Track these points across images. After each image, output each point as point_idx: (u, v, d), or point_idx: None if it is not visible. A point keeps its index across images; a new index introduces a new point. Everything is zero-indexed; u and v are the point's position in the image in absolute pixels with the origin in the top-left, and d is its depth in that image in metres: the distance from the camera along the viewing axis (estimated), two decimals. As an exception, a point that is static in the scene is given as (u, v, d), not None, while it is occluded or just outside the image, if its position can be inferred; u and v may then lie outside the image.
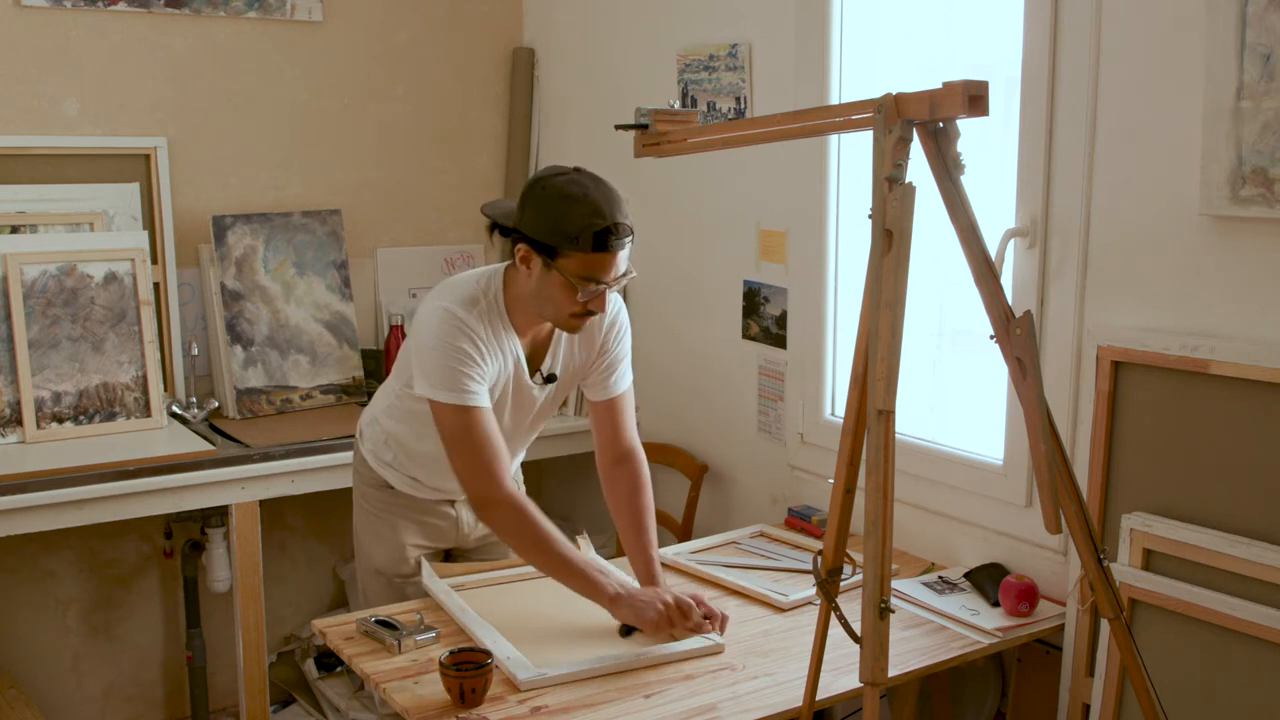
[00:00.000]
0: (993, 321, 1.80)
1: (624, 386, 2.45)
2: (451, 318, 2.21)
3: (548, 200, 2.12)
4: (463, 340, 2.20)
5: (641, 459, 2.48)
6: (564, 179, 2.15)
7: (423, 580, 2.46)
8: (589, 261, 2.11)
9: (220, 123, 3.60)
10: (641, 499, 2.44)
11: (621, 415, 2.46)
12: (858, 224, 2.95)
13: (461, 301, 2.23)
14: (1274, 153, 2.03)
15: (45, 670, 3.53)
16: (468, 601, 2.37)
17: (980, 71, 1.98)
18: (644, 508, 2.43)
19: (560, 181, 2.14)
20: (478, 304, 2.24)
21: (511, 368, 2.31)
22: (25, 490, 2.83)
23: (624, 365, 2.44)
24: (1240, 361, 2.10)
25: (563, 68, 3.95)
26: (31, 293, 3.18)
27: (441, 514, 2.55)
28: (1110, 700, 2.26)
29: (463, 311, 2.21)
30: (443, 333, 2.20)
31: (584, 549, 2.61)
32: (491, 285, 2.28)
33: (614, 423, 2.45)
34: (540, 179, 2.17)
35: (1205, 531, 2.15)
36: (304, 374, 3.58)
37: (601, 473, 2.49)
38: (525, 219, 2.15)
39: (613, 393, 2.44)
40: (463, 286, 2.28)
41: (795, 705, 2.04)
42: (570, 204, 2.10)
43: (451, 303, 2.23)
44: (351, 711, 3.51)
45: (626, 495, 2.44)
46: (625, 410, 2.46)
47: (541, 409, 2.44)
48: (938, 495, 2.75)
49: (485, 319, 2.24)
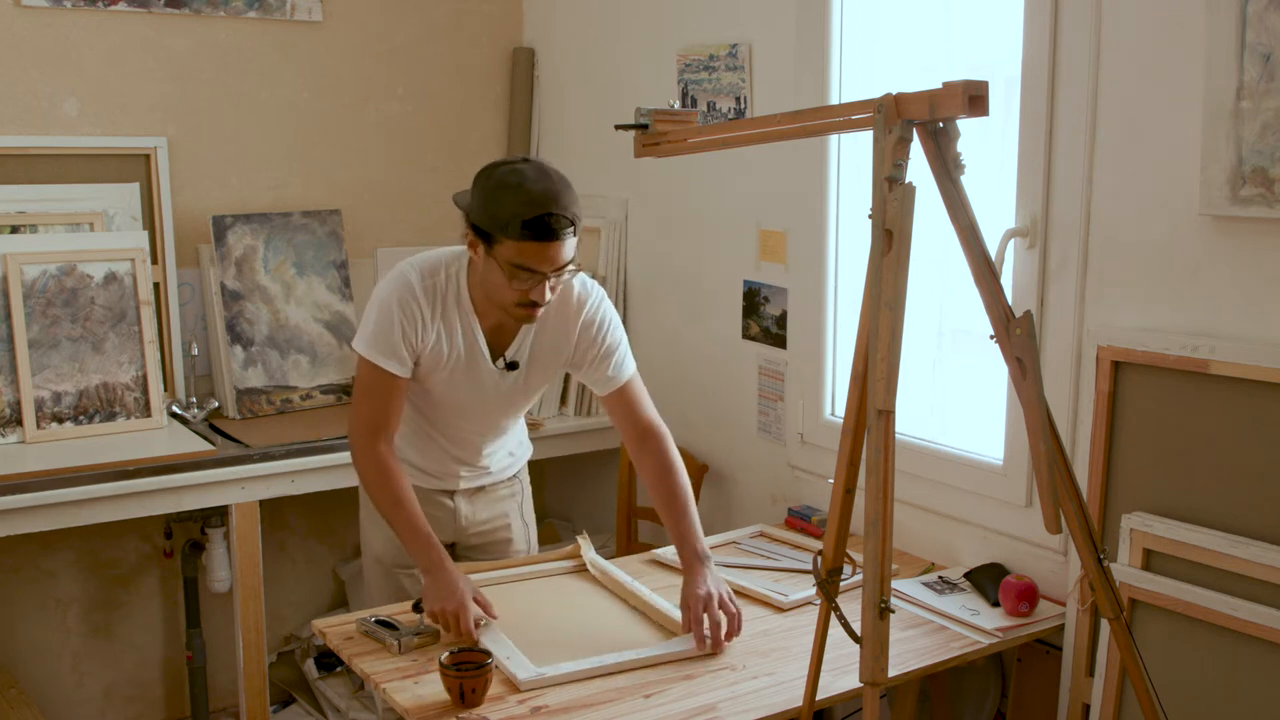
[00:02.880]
0: (993, 321, 1.80)
1: (627, 375, 2.45)
2: (404, 284, 2.29)
3: (488, 188, 2.17)
4: (402, 308, 2.27)
5: (664, 436, 2.45)
6: (507, 168, 2.18)
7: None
8: (520, 250, 2.14)
9: (220, 123, 3.60)
10: (671, 482, 2.40)
11: (633, 400, 2.46)
12: (858, 224, 2.95)
13: (423, 271, 2.31)
14: (1274, 153, 2.03)
15: (45, 670, 3.52)
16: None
17: (980, 71, 1.98)
18: (675, 488, 2.40)
19: (503, 171, 2.18)
20: (437, 275, 2.30)
21: (464, 346, 2.33)
22: (25, 490, 2.82)
23: (618, 355, 2.44)
24: (1240, 361, 2.10)
25: (563, 68, 3.95)
26: (31, 293, 3.18)
27: (440, 504, 2.56)
28: (1110, 700, 2.26)
29: (417, 280, 2.29)
30: (390, 296, 2.28)
31: (584, 549, 2.62)
32: (457, 262, 2.33)
33: (627, 407, 2.46)
34: (487, 167, 2.22)
35: (1205, 531, 2.15)
36: (304, 374, 3.58)
37: (631, 457, 2.49)
38: (472, 206, 2.21)
39: (616, 384, 2.44)
40: (432, 257, 2.34)
41: (795, 705, 2.04)
42: (506, 193, 2.13)
43: (411, 269, 2.31)
44: (351, 711, 3.51)
45: (656, 478, 2.42)
46: (636, 394, 2.46)
47: (511, 396, 2.44)
48: (938, 495, 2.75)
49: (439, 292, 2.30)
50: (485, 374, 2.37)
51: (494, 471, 2.59)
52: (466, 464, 2.53)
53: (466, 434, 2.49)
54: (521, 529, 2.67)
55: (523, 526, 2.68)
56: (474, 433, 2.49)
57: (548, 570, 2.57)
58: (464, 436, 2.49)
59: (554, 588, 2.51)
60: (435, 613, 2.22)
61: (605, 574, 2.53)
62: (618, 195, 3.69)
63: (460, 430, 2.48)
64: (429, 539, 2.28)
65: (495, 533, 2.64)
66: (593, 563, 2.58)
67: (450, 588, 2.23)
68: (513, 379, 2.40)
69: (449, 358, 2.33)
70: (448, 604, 2.21)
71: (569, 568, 2.60)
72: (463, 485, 2.55)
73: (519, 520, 2.67)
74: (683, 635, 2.24)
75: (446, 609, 2.20)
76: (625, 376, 2.45)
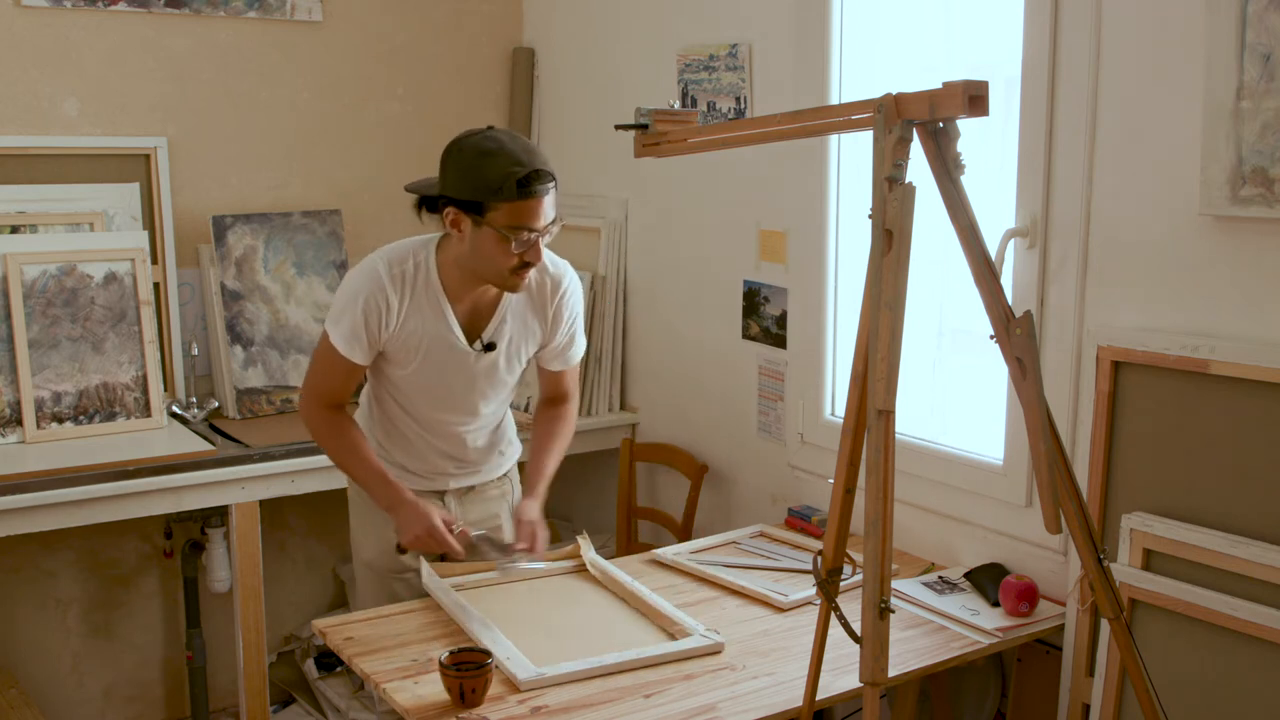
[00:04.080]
0: (993, 321, 1.80)
1: (578, 358, 2.58)
2: (372, 274, 2.31)
3: (466, 159, 2.21)
4: (369, 302, 2.30)
5: (574, 403, 2.63)
6: (478, 137, 2.23)
7: (423, 580, 2.47)
8: (516, 210, 2.18)
9: (220, 123, 3.60)
10: (557, 425, 2.58)
11: (567, 374, 2.60)
12: (858, 224, 2.95)
13: (390, 260, 2.34)
14: (1274, 153, 2.03)
15: (45, 670, 3.52)
16: (468, 601, 2.37)
17: (980, 71, 1.98)
18: (555, 432, 2.56)
19: (475, 139, 2.22)
20: (405, 263, 2.34)
21: (436, 331, 2.36)
22: (25, 490, 2.82)
23: (578, 340, 2.55)
24: (1240, 361, 2.10)
25: (563, 68, 3.95)
26: (31, 293, 3.18)
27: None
28: (1110, 700, 2.26)
29: (384, 269, 2.31)
30: (358, 287, 2.32)
31: (584, 549, 2.62)
32: (425, 249, 2.36)
33: (558, 380, 2.60)
34: (455, 142, 2.26)
35: (1205, 531, 2.15)
36: (304, 374, 3.58)
37: (536, 409, 2.65)
38: (448, 182, 2.24)
39: (568, 365, 2.57)
40: (399, 247, 2.38)
41: (795, 705, 2.04)
42: (488, 158, 2.18)
43: (380, 259, 2.35)
44: (351, 711, 3.51)
45: (547, 421, 2.59)
46: (571, 374, 2.61)
47: (488, 377, 2.46)
48: (938, 495, 2.75)
49: (407, 280, 2.33)
50: (461, 356, 2.39)
51: (483, 471, 2.60)
52: (454, 458, 2.53)
53: (449, 425, 2.49)
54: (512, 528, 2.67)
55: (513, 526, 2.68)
56: (456, 423, 2.48)
57: (548, 570, 2.57)
58: (447, 429, 2.49)
59: (554, 588, 2.51)
60: (410, 542, 2.34)
61: (605, 574, 2.53)
62: (618, 195, 3.69)
63: (442, 423, 2.48)
64: (385, 477, 2.38)
65: (488, 534, 2.64)
66: (592, 562, 2.58)
67: (416, 515, 2.33)
68: (490, 360, 2.42)
69: (421, 343, 2.36)
70: (418, 529, 2.32)
71: (569, 568, 2.60)
72: (453, 485, 2.56)
73: (510, 520, 2.66)
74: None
75: (419, 534, 2.32)
76: (575, 361, 2.58)
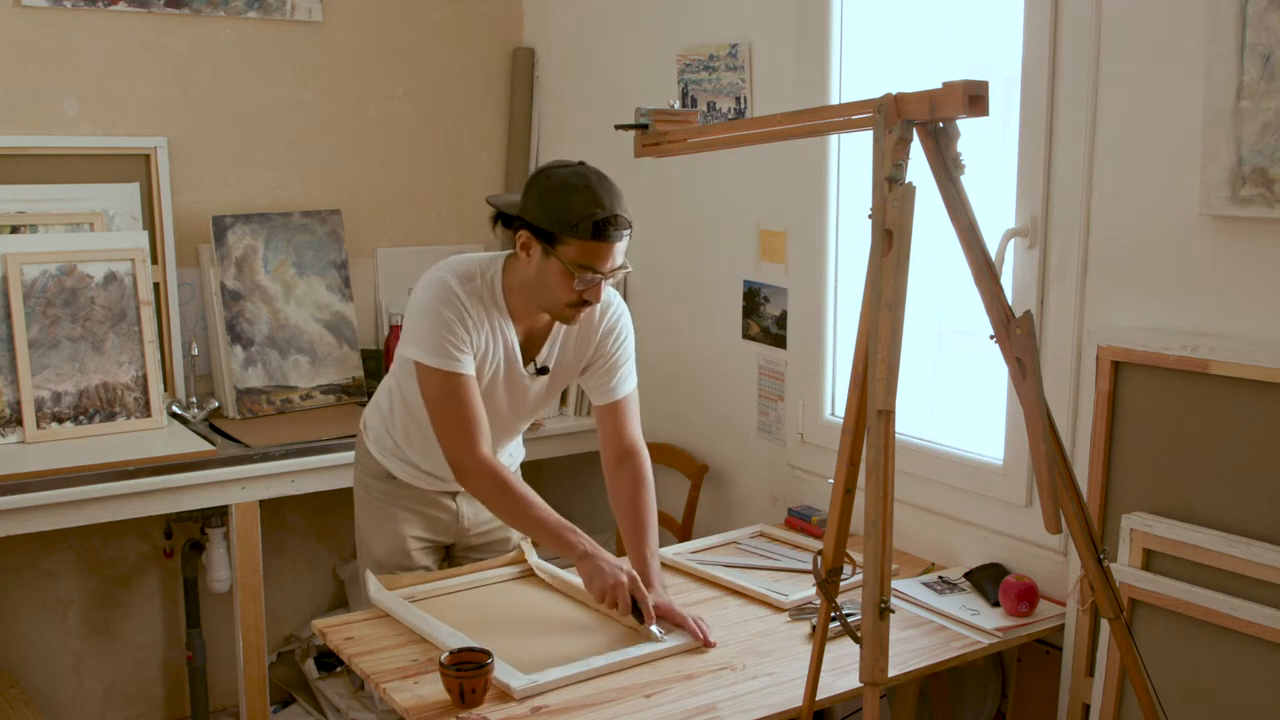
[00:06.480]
0: (993, 321, 1.80)
1: (626, 390, 2.47)
2: (446, 288, 2.28)
3: (551, 189, 2.19)
4: (453, 310, 2.27)
5: (643, 458, 2.48)
6: (568, 170, 2.22)
7: (370, 595, 2.41)
8: (587, 250, 2.17)
9: (220, 123, 3.60)
10: (641, 497, 2.44)
11: (624, 417, 2.48)
12: (858, 224, 2.95)
13: (459, 275, 2.31)
14: (1274, 153, 2.03)
15: (45, 670, 3.52)
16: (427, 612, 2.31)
17: (980, 71, 1.98)
18: (643, 506, 2.44)
19: (564, 173, 2.21)
20: (473, 280, 2.31)
21: (503, 351, 2.34)
22: (25, 490, 2.82)
23: (625, 370, 2.47)
24: (1240, 361, 2.10)
25: (563, 68, 3.95)
26: (31, 293, 3.18)
27: (442, 506, 2.57)
28: (1110, 700, 2.26)
29: (457, 284, 2.29)
30: (436, 300, 2.28)
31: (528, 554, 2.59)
32: (491, 267, 2.34)
33: (616, 424, 2.47)
34: (545, 170, 2.25)
35: (1205, 531, 2.15)
36: (304, 374, 3.58)
37: (606, 473, 2.50)
38: (528, 207, 2.22)
39: (614, 397, 2.46)
40: (464, 262, 2.35)
41: (795, 705, 2.04)
42: (572, 193, 2.16)
43: (448, 273, 2.31)
44: (351, 711, 3.51)
45: (627, 495, 2.45)
46: (628, 413, 2.48)
47: (535, 400, 2.46)
48: (938, 495, 2.75)
49: (478, 296, 2.30)
50: (518, 378, 2.39)
51: None
52: None
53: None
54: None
55: None
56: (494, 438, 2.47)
57: (493, 578, 2.53)
58: None
59: (505, 595, 2.45)
60: (597, 593, 2.24)
61: (554, 577, 2.50)
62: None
63: None
64: (571, 534, 2.28)
65: (494, 533, 2.65)
66: (538, 567, 2.56)
67: (610, 570, 2.24)
68: (541, 384, 2.43)
69: (490, 362, 2.34)
70: (609, 582, 2.22)
71: (515, 574, 2.56)
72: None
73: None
74: (673, 635, 2.23)
75: (607, 588, 2.22)
76: (625, 391, 2.47)
